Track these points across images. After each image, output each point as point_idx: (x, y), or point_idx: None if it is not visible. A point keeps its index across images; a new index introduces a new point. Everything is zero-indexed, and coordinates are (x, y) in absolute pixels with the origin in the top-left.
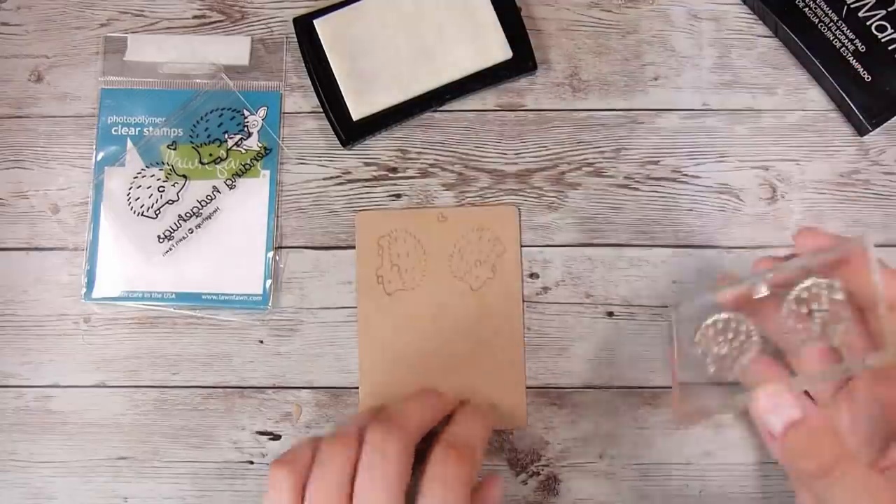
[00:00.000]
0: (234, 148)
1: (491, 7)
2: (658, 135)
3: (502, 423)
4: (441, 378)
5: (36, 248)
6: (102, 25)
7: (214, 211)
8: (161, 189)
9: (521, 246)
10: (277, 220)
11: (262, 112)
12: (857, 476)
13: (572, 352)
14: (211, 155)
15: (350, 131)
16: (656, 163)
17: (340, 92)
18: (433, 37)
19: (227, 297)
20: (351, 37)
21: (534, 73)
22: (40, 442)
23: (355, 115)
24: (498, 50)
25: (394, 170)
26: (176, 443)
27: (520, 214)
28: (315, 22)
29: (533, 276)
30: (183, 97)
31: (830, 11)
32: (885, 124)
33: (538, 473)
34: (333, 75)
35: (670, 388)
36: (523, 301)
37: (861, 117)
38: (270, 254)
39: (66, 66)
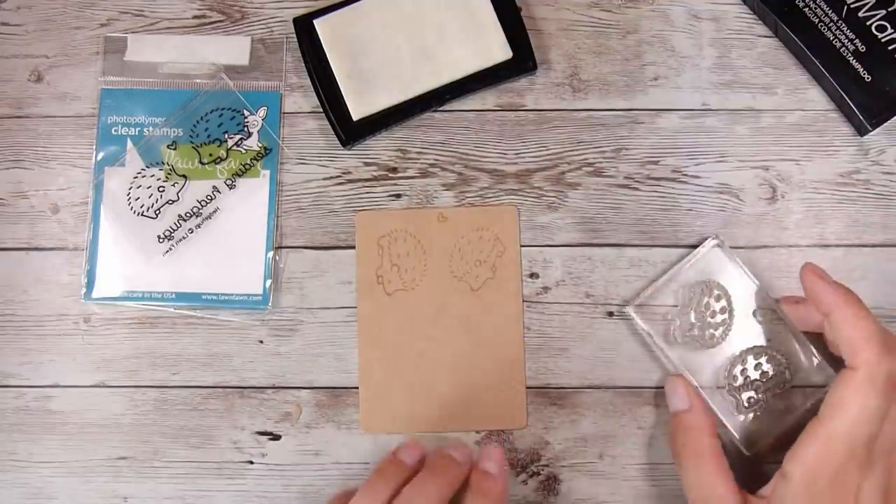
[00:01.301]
0: (234, 148)
1: (491, 7)
2: (658, 135)
3: (502, 423)
4: (440, 378)
5: (36, 248)
6: (102, 25)
7: (214, 211)
8: (161, 189)
9: (521, 246)
10: (277, 220)
11: (262, 112)
12: (700, 470)
13: (572, 352)
14: (211, 155)
15: (350, 131)
16: (656, 163)
17: (340, 92)
18: (433, 37)
19: (227, 297)
20: (351, 37)
21: (534, 73)
22: (40, 442)
23: (355, 115)
24: (498, 50)
25: (394, 170)
26: (176, 443)
27: (519, 214)
28: (315, 22)
29: (533, 276)
30: (183, 97)
31: (830, 11)
32: (885, 124)
33: (538, 473)
34: (333, 75)
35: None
36: (523, 301)
37: (861, 117)
38: (270, 254)
39: (66, 66)
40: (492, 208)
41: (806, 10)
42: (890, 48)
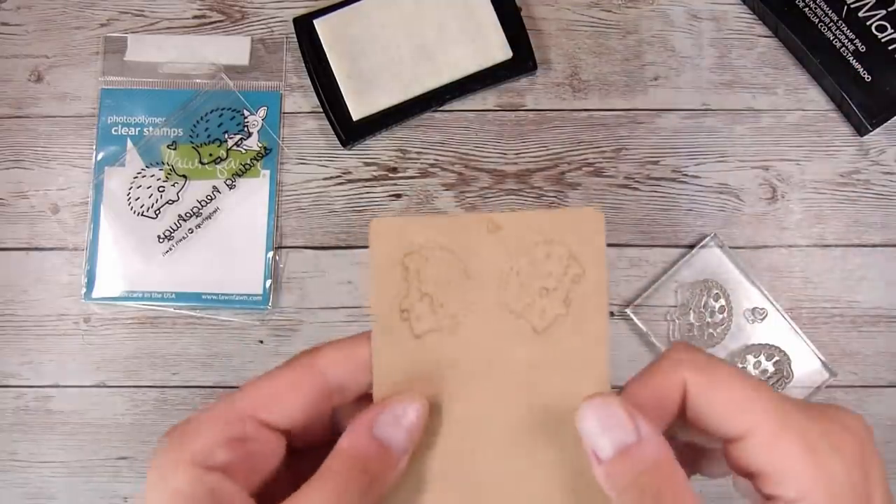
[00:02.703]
0: (234, 148)
1: (491, 7)
2: (658, 135)
3: None
4: (488, 463)
5: (36, 248)
6: (102, 25)
7: (214, 211)
8: (161, 189)
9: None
10: (277, 220)
11: (262, 112)
12: None
13: None
14: (211, 155)
15: (350, 131)
16: (656, 163)
17: (340, 92)
18: (433, 37)
19: (227, 297)
20: (351, 37)
21: (534, 73)
22: (40, 442)
23: (355, 115)
24: (498, 50)
25: (394, 170)
26: None
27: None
28: (315, 22)
29: None
30: (183, 97)
31: (830, 11)
32: (885, 124)
33: None
34: (333, 75)
35: None
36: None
37: (861, 117)
38: (270, 254)
39: (66, 66)
40: (565, 212)
41: (806, 10)
42: (890, 48)
